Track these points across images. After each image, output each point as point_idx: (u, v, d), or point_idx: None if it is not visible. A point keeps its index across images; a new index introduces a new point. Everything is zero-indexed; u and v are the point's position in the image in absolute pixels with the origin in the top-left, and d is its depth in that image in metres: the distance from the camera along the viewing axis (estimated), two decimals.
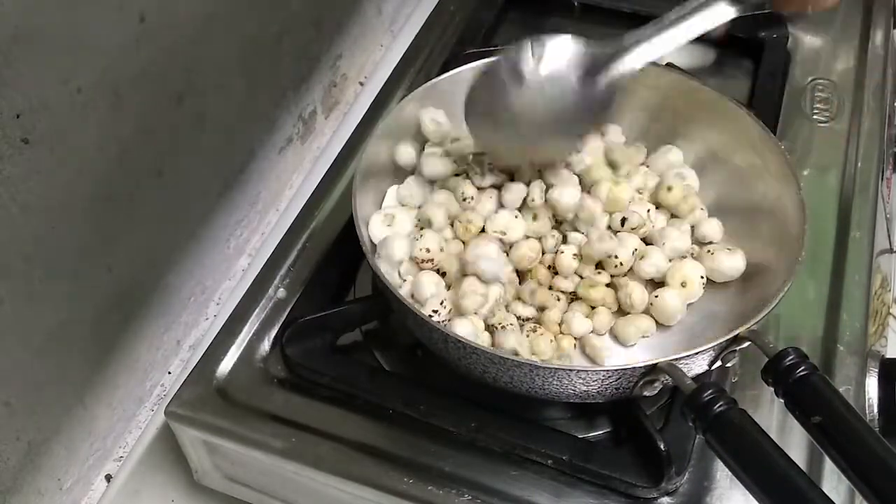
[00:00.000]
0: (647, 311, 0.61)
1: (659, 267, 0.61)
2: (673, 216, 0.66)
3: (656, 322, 0.61)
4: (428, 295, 0.58)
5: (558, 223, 0.64)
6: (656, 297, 0.61)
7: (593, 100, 0.59)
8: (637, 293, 0.60)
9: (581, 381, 0.52)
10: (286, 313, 0.65)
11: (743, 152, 0.65)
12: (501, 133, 0.62)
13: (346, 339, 0.64)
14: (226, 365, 0.62)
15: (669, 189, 0.65)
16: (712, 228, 0.64)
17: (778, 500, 0.43)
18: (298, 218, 0.72)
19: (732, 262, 0.61)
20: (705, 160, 0.68)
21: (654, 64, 0.72)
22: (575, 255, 0.62)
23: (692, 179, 0.67)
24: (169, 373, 0.75)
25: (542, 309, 0.61)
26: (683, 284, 0.61)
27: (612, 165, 0.67)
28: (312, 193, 0.74)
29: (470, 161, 0.65)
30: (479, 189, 0.64)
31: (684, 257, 0.62)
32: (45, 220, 0.56)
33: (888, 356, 0.65)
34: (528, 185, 0.64)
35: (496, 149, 0.63)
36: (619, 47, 0.58)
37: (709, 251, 0.62)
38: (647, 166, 0.69)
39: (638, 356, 0.60)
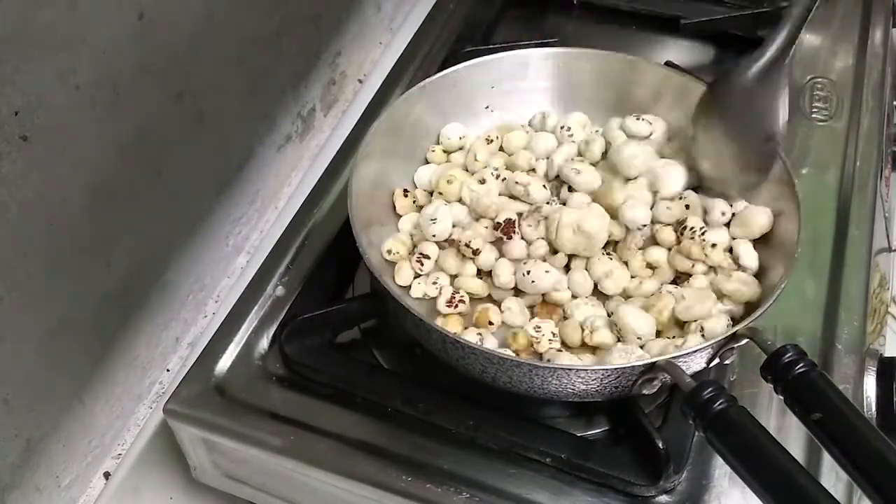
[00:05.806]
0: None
1: None
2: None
3: None
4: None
5: None
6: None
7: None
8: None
9: (580, 380, 0.52)
10: (285, 311, 0.65)
11: None
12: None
13: (345, 336, 0.64)
14: (224, 362, 0.62)
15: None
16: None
17: (780, 497, 0.43)
18: (297, 216, 0.72)
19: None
20: None
21: (651, 63, 0.73)
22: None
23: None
24: (167, 370, 0.75)
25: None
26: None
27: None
28: (311, 191, 0.73)
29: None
30: None
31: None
32: (43, 217, 0.56)
33: (886, 355, 0.65)
34: None
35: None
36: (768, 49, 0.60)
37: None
38: None
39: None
